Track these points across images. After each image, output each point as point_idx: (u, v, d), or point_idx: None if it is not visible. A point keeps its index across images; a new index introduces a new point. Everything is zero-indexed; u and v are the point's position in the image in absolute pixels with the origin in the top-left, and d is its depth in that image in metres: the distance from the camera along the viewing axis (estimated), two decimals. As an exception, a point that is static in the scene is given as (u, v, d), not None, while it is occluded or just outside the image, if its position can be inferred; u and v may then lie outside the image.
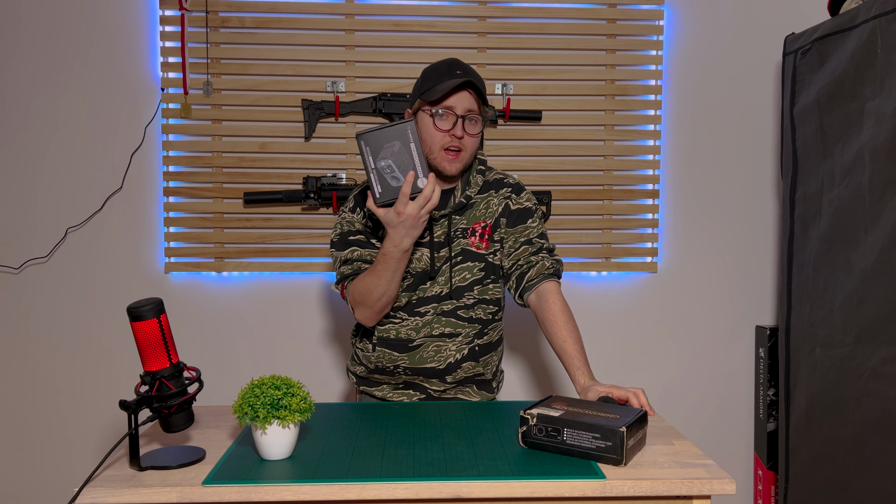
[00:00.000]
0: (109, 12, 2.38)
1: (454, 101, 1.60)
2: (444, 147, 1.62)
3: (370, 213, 1.68)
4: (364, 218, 1.70)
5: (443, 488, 1.16)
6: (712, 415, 2.60)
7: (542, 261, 1.69)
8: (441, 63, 1.66)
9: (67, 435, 2.47)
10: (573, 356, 1.57)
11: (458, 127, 1.61)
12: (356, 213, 1.71)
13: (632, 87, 2.48)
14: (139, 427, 1.22)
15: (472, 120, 1.62)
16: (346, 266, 1.69)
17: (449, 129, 1.61)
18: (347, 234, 1.70)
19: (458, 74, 1.60)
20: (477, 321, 1.72)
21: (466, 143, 1.63)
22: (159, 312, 1.23)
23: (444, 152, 1.62)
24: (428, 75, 1.65)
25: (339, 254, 1.71)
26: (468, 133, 1.62)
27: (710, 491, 1.18)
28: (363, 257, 1.68)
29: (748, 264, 2.57)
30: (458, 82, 1.58)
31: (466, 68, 1.64)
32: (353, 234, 1.70)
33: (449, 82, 1.59)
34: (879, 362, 1.83)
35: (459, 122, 1.61)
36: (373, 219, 1.70)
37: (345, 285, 1.69)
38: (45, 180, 2.41)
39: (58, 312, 2.44)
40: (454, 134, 1.61)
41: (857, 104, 1.94)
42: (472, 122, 1.63)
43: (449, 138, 1.61)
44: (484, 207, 1.72)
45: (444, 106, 1.60)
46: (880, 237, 1.83)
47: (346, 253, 1.69)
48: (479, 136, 1.66)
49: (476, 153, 1.71)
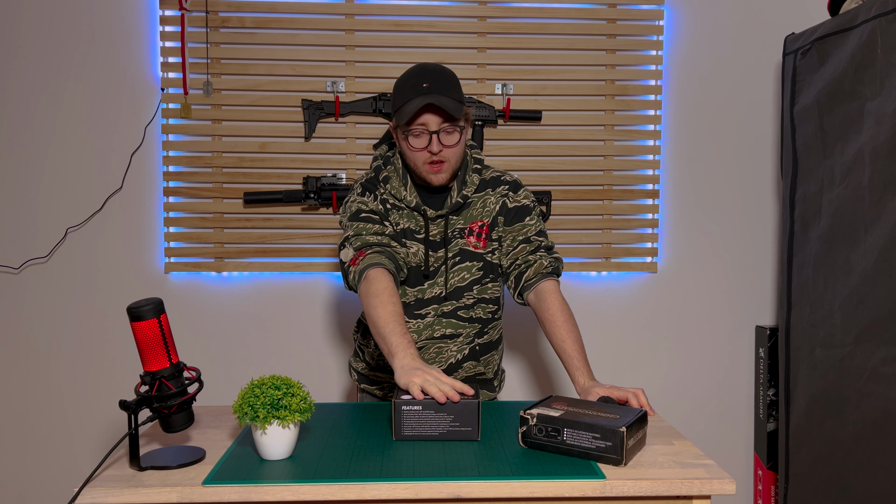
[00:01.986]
0: (109, 12, 2.38)
1: (425, 118, 1.57)
2: (425, 161, 1.61)
3: (381, 195, 1.67)
4: (375, 200, 1.67)
5: (443, 488, 1.16)
6: (712, 415, 2.60)
7: (541, 259, 1.68)
8: (409, 75, 1.61)
9: (67, 435, 2.47)
10: (573, 356, 1.57)
11: (434, 143, 1.58)
12: (367, 196, 1.67)
13: (632, 87, 2.48)
14: (139, 427, 1.22)
15: (447, 132, 1.59)
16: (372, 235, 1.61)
17: (425, 146, 1.59)
18: (360, 212, 1.65)
19: (423, 89, 1.55)
20: (477, 321, 1.73)
21: (446, 154, 1.60)
22: (159, 312, 1.23)
23: (427, 165, 1.61)
24: (397, 91, 1.61)
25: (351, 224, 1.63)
26: (445, 145, 1.59)
27: (710, 491, 1.18)
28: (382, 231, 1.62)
29: (748, 264, 2.57)
30: (422, 103, 1.53)
31: (433, 76, 1.58)
32: (365, 212, 1.65)
33: (414, 102, 1.55)
34: (879, 362, 1.83)
35: (434, 138, 1.58)
36: (385, 203, 1.67)
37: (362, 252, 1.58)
38: (45, 180, 2.41)
39: (58, 312, 2.44)
40: (430, 150, 1.59)
41: (857, 104, 1.94)
42: (448, 134, 1.59)
43: (428, 154, 1.60)
44: (481, 206, 1.71)
45: (417, 124, 1.57)
46: (880, 237, 1.83)
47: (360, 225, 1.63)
48: (460, 142, 1.62)
49: (463, 156, 1.69)
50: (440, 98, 1.55)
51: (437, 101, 1.54)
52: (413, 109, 1.54)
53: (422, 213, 1.67)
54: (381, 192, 1.68)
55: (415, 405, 1.30)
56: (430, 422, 1.31)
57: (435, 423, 1.31)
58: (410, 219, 1.67)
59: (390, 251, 1.60)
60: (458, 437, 1.32)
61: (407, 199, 1.66)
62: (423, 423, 1.31)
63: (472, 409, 1.31)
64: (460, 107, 1.59)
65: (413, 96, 1.56)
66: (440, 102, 1.54)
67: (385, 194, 1.68)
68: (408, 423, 1.31)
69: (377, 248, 1.59)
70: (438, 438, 1.32)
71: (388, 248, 1.60)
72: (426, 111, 1.56)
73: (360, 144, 2.43)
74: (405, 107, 1.56)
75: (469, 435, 1.32)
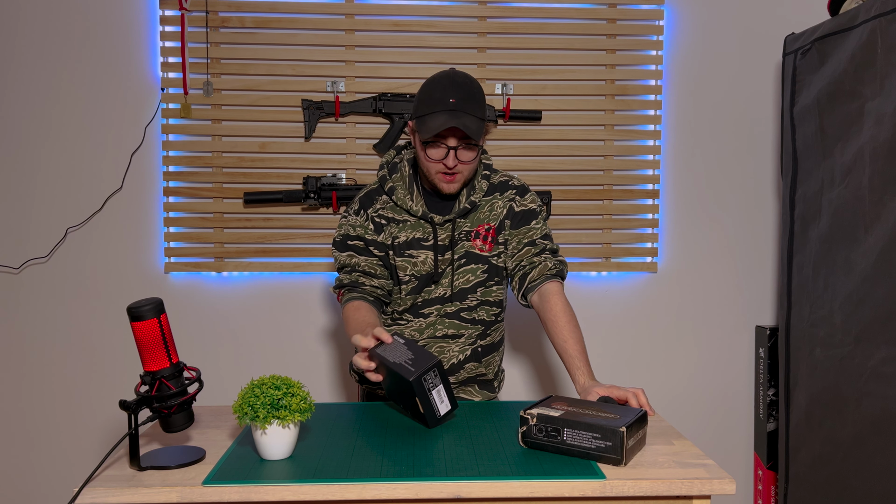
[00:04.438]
0: (109, 12, 2.38)
1: (446, 135, 1.57)
2: (439, 171, 1.62)
3: (374, 214, 1.70)
4: (367, 220, 1.70)
5: (443, 488, 1.16)
6: (712, 415, 2.60)
7: (545, 261, 1.69)
8: (438, 84, 1.59)
9: (67, 435, 2.46)
10: (574, 356, 1.58)
11: (451, 158, 1.59)
12: (360, 216, 1.71)
13: (632, 87, 2.48)
14: (139, 427, 1.22)
15: (466, 148, 1.60)
16: (344, 273, 1.71)
17: (441, 159, 1.60)
18: (347, 238, 1.71)
19: (450, 104, 1.54)
20: (480, 322, 1.73)
21: (461, 167, 1.62)
22: (159, 312, 1.23)
23: (440, 175, 1.62)
24: (423, 97, 1.60)
25: (338, 255, 1.72)
26: (462, 161, 1.60)
27: (710, 491, 1.18)
28: (360, 266, 1.69)
29: (748, 264, 2.57)
30: (447, 124, 1.53)
31: (462, 92, 1.57)
32: (352, 238, 1.70)
33: (439, 119, 1.54)
34: (879, 362, 1.83)
35: (452, 154, 1.58)
36: (375, 221, 1.70)
37: (341, 293, 1.71)
38: (45, 180, 2.41)
39: (58, 312, 2.44)
40: (446, 164, 1.59)
41: (857, 104, 1.94)
42: (466, 150, 1.60)
43: (442, 166, 1.60)
44: (488, 210, 1.72)
45: (436, 138, 1.58)
46: (880, 237, 1.83)
47: (344, 257, 1.71)
48: (476, 158, 1.62)
49: (476, 168, 1.70)
50: (465, 119, 1.54)
51: (461, 123, 1.54)
52: (437, 128, 1.54)
53: (429, 220, 1.68)
54: (377, 207, 1.70)
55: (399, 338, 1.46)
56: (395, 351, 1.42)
57: (397, 354, 1.41)
58: (416, 228, 1.69)
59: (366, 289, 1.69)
60: (399, 372, 1.37)
61: (413, 209, 1.68)
62: (391, 350, 1.43)
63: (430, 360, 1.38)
64: (482, 126, 1.59)
65: (439, 110, 1.55)
66: (464, 126, 1.54)
67: (382, 209, 1.70)
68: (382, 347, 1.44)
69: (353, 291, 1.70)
70: (388, 363, 1.39)
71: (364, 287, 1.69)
72: (449, 130, 1.56)
73: (360, 144, 2.43)
74: (429, 120, 1.56)
75: (406, 374, 1.37)
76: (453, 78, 1.60)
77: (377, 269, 1.70)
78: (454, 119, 1.53)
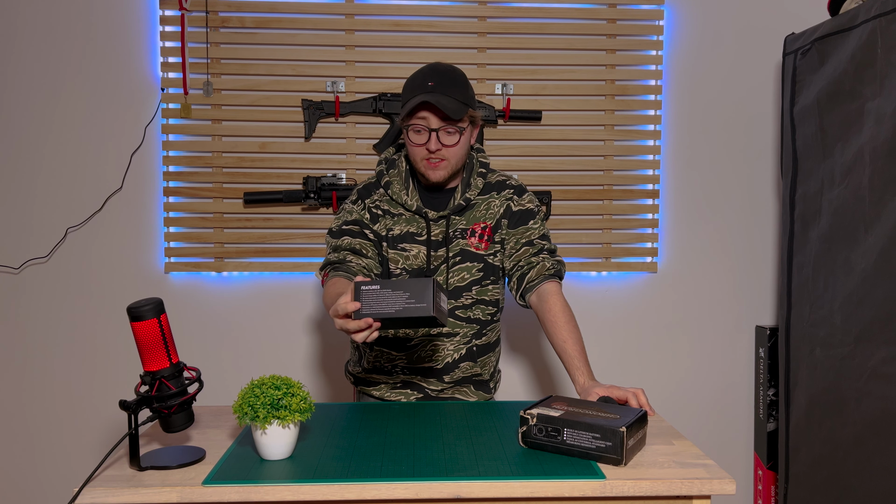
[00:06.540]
0: (109, 12, 2.38)
1: (426, 115, 1.59)
2: (424, 158, 1.63)
3: (371, 204, 1.70)
4: (364, 210, 1.71)
5: (443, 488, 1.16)
6: (712, 415, 2.60)
7: (543, 262, 1.69)
8: (419, 72, 1.64)
9: (67, 435, 2.46)
10: (573, 356, 1.57)
11: (433, 141, 1.60)
12: (357, 205, 1.72)
13: (632, 87, 2.48)
14: (139, 427, 1.22)
15: (447, 132, 1.61)
16: (334, 253, 1.70)
17: (423, 142, 1.61)
18: (343, 224, 1.72)
19: (427, 87, 1.58)
20: (475, 321, 1.73)
21: (445, 153, 1.62)
22: (159, 312, 1.23)
23: (425, 161, 1.64)
24: (405, 86, 1.65)
25: (331, 240, 1.72)
26: (444, 144, 1.61)
27: (710, 491, 1.18)
28: (352, 245, 1.68)
29: (748, 264, 2.57)
30: (420, 100, 1.56)
31: (441, 76, 1.60)
32: (348, 223, 1.71)
33: (415, 99, 1.57)
34: (879, 362, 1.83)
35: (433, 136, 1.60)
36: (371, 210, 1.70)
37: (326, 273, 1.69)
38: (45, 180, 2.41)
39: (58, 312, 2.44)
40: (428, 147, 1.61)
41: (857, 104, 1.94)
42: (448, 134, 1.61)
43: (426, 151, 1.62)
44: (484, 209, 1.72)
45: (417, 119, 1.60)
46: (880, 237, 1.83)
47: (337, 241, 1.71)
48: (460, 143, 1.63)
49: (467, 158, 1.71)
50: (440, 98, 1.56)
51: (436, 100, 1.56)
52: (412, 105, 1.57)
53: (423, 215, 1.68)
54: (374, 198, 1.72)
55: (373, 285, 1.34)
56: (387, 300, 1.33)
57: (392, 301, 1.33)
58: (411, 222, 1.69)
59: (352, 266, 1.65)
60: (413, 314, 1.32)
61: (408, 203, 1.68)
62: (381, 301, 1.33)
63: (426, 284, 1.33)
64: (462, 108, 1.60)
65: (417, 93, 1.59)
66: (438, 102, 1.55)
67: (379, 201, 1.71)
68: (367, 303, 1.33)
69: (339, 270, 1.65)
70: (395, 315, 1.32)
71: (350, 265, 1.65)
72: (426, 109, 1.58)
73: (360, 144, 2.43)
74: (409, 101, 1.60)
75: (423, 311, 1.32)
76: (435, 66, 1.64)
77: (368, 251, 1.69)
78: (430, 97, 1.56)
